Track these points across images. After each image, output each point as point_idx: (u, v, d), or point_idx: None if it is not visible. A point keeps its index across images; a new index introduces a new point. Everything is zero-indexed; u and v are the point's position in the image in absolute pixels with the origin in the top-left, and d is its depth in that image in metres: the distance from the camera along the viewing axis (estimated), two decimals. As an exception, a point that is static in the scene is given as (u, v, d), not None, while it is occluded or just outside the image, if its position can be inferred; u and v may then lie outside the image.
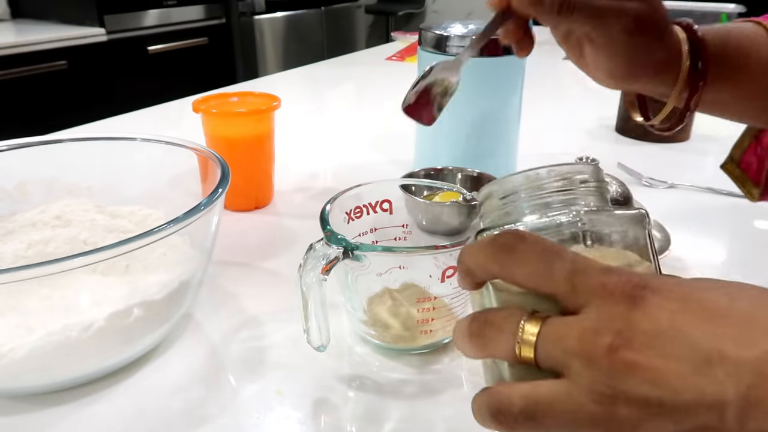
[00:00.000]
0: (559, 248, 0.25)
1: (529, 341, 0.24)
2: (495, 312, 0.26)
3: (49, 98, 2.01)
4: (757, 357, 0.21)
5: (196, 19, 2.49)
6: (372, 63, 1.54)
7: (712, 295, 0.23)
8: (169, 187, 0.54)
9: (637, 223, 0.28)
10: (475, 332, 0.26)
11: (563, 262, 0.24)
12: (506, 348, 0.25)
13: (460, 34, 0.66)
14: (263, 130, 0.67)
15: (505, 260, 0.25)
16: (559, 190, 0.28)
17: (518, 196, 0.29)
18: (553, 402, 0.23)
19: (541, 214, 0.28)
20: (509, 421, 0.24)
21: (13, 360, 0.37)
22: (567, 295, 0.24)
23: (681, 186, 0.75)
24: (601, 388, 0.22)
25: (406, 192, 0.54)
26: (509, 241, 0.25)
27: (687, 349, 0.21)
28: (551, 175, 0.28)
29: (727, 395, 0.21)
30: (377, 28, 4.08)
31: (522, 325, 0.24)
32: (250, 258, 0.58)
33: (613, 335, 0.22)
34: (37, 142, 0.53)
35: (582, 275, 0.24)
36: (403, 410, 0.40)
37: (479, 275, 0.27)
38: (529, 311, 0.25)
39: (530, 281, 0.25)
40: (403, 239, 0.49)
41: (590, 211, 0.27)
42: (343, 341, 0.46)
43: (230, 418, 0.39)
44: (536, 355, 0.24)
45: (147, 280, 0.43)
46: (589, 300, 0.23)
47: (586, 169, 0.29)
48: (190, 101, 0.66)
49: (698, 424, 0.21)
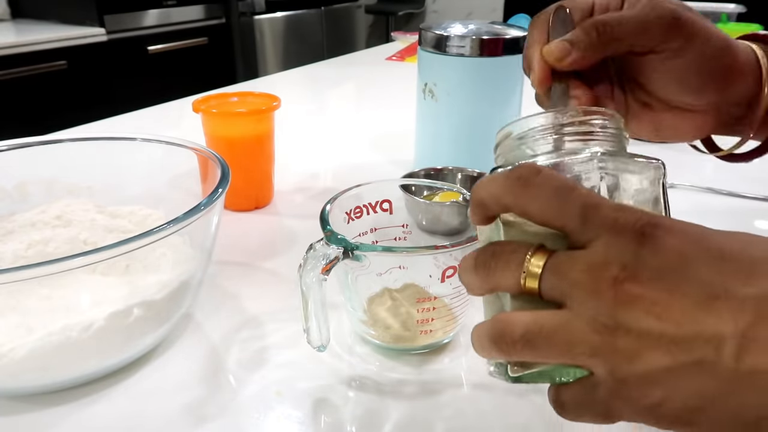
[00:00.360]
0: (574, 184, 0.25)
1: (535, 273, 0.24)
2: (503, 245, 0.26)
3: (49, 98, 2.01)
4: (759, 295, 0.21)
5: (196, 19, 2.49)
6: (372, 63, 1.54)
7: (724, 239, 0.23)
8: (169, 187, 0.54)
9: (653, 171, 0.28)
10: (482, 263, 0.26)
11: (576, 197, 0.24)
12: (511, 279, 0.25)
13: (460, 34, 0.66)
14: (263, 130, 0.67)
15: (520, 192, 0.25)
16: (576, 131, 0.28)
17: (536, 135, 0.29)
18: (554, 330, 0.23)
19: (558, 152, 0.28)
20: (509, 347, 0.25)
21: (13, 360, 0.37)
22: (577, 229, 0.24)
23: (681, 186, 0.75)
24: (602, 319, 0.22)
25: (406, 192, 0.54)
26: (524, 174, 0.25)
27: (692, 285, 0.22)
28: (571, 117, 0.28)
29: (726, 330, 0.21)
30: (377, 28, 4.08)
31: (529, 257, 0.25)
32: (250, 258, 0.58)
33: (619, 268, 0.22)
34: (37, 142, 0.53)
35: (594, 210, 0.24)
36: (403, 410, 0.40)
37: (492, 207, 0.27)
38: (537, 245, 0.25)
39: (542, 214, 0.25)
40: (403, 239, 0.49)
41: (607, 153, 0.27)
42: (343, 341, 0.46)
43: (230, 418, 0.39)
44: (540, 286, 0.24)
45: (147, 280, 0.43)
46: (599, 234, 0.23)
47: (606, 113, 0.29)
48: (190, 101, 0.66)
49: (695, 357, 0.21)
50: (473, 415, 0.39)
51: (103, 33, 2.13)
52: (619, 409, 0.23)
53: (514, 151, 0.29)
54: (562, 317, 0.23)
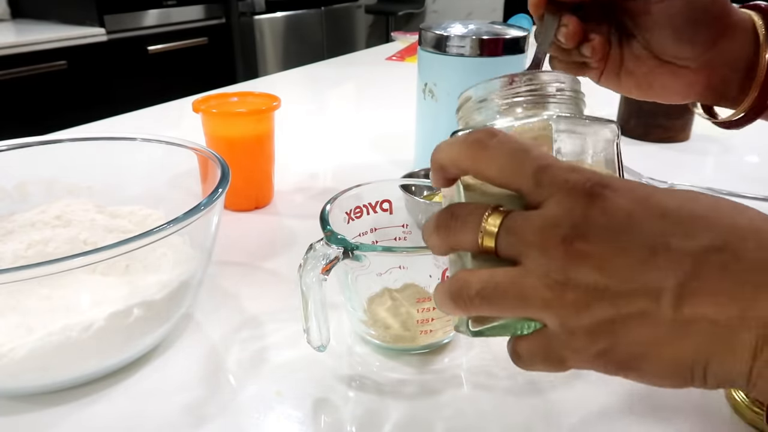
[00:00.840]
0: (529, 146, 0.26)
1: (491, 232, 0.25)
2: (462, 206, 0.27)
3: (49, 98, 2.01)
4: (697, 248, 0.22)
5: (196, 19, 2.49)
6: (372, 63, 1.54)
7: (667, 198, 0.24)
8: (169, 187, 0.54)
9: (609, 132, 0.28)
10: (442, 224, 0.28)
11: (531, 158, 0.25)
12: (470, 239, 0.26)
13: (460, 34, 0.66)
14: (263, 130, 0.67)
15: (477, 156, 0.26)
16: (533, 94, 0.29)
17: (493, 99, 0.29)
18: (508, 286, 0.25)
19: (514, 116, 0.29)
20: (465, 303, 0.26)
21: (13, 360, 0.37)
22: (531, 190, 0.25)
23: (681, 186, 0.75)
24: (553, 275, 0.24)
25: (406, 192, 0.54)
26: (481, 138, 0.26)
27: (636, 242, 0.23)
28: (527, 81, 0.29)
29: (665, 284, 0.22)
30: (377, 28, 4.08)
31: (486, 217, 0.26)
32: (250, 258, 0.58)
33: (568, 227, 0.23)
34: (37, 142, 0.53)
35: (547, 171, 0.25)
36: (403, 410, 0.40)
37: (451, 171, 0.28)
38: (494, 206, 0.26)
39: (499, 177, 0.26)
40: (403, 239, 0.49)
41: (561, 116, 0.28)
42: (343, 341, 0.46)
43: (230, 418, 0.39)
44: (497, 245, 0.25)
45: (147, 280, 0.43)
46: (551, 194, 0.24)
47: (563, 77, 0.30)
48: (190, 101, 0.66)
49: (637, 309, 0.23)
50: (473, 415, 0.39)
51: (103, 33, 2.13)
52: (570, 359, 0.25)
53: (473, 114, 0.30)
54: (516, 274, 0.25)
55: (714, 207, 0.24)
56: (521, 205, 0.26)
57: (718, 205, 0.24)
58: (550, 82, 0.29)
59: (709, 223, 0.23)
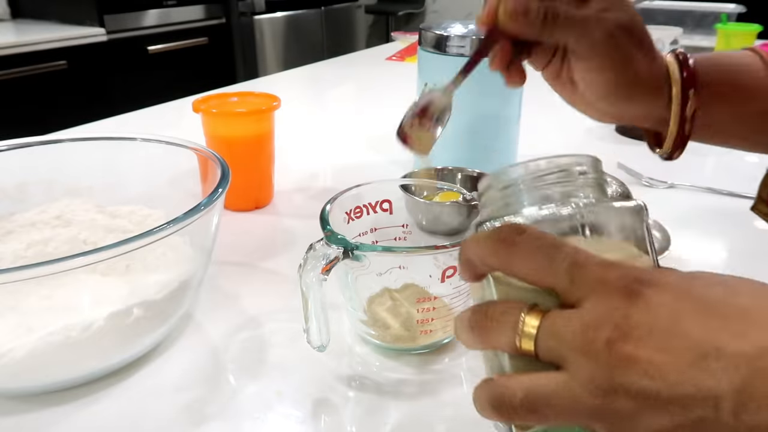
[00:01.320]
0: (559, 242, 0.25)
1: (530, 334, 0.24)
2: (495, 305, 0.26)
3: (49, 98, 2.01)
4: (751, 351, 0.21)
5: (196, 19, 2.49)
6: (372, 63, 1.54)
7: (710, 290, 0.23)
8: (169, 187, 0.54)
9: (636, 215, 0.28)
10: (476, 324, 0.27)
11: (563, 256, 0.25)
12: (507, 340, 0.25)
13: (460, 34, 0.66)
14: (263, 130, 0.67)
15: (505, 254, 0.26)
16: (557, 181, 0.28)
17: (517, 187, 0.29)
18: (552, 394, 0.24)
19: (540, 205, 0.28)
20: (509, 412, 0.25)
21: (13, 360, 0.37)
22: (566, 289, 0.24)
23: (681, 186, 0.75)
24: (599, 381, 0.22)
25: (406, 192, 0.54)
26: (509, 235, 0.26)
27: (684, 343, 0.22)
28: (550, 167, 0.28)
29: (722, 388, 0.21)
30: (377, 28, 4.08)
31: (522, 318, 0.25)
32: (250, 258, 0.58)
33: (611, 329, 0.22)
34: (37, 142, 0.53)
35: (581, 269, 0.24)
36: (403, 410, 0.40)
37: (479, 268, 0.27)
38: (530, 304, 0.25)
39: (530, 275, 0.25)
40: (403, 239, 0.49)
41: (589, 204, 0.28)
42: (343, 341, 0.46)
43: (230, 418, 0.39)
44: (536, 347, 0.24)
45: (147, 280, 0.43)
46: (588, 294, 0.24)
47: (585, 160, 0.29)
48: (190, 101, 0.66)
49: (694, 416, 0.21)
50: (473, 415, 0.39)
51: (103, 33, 2.13)
52: None
53: (497, 203, 0.30)
54: (560, 381, 0.24)
55: (757, 294, 0.23)
56: (556, 301, 0.25)
57: (760, 293, 0.23)
58: (572, 166, 0.29)
59: (757, 318, 0.22)
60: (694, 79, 0.42)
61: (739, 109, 0.45)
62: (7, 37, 1.93)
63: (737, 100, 0.44)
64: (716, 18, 1.64)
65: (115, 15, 2.17)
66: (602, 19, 0.40)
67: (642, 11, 1.80)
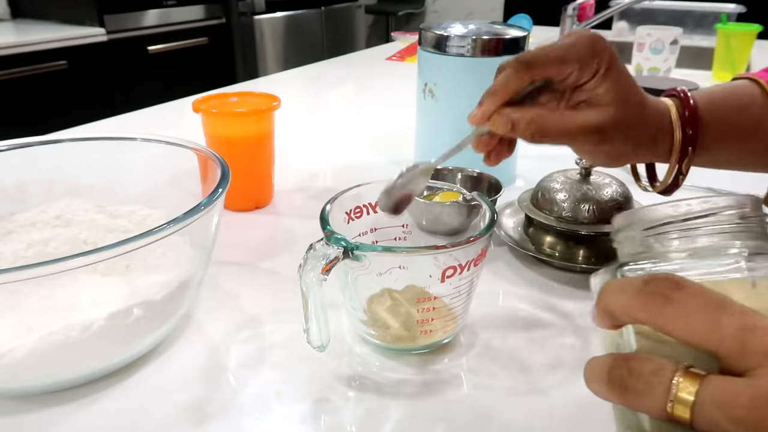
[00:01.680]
0: (724, 300, 0.22)
1: (686, 401, 0.22)
2: (642, 361, 0.23)
3: (49, 98, 2.01)
4: None
5: (196, 19, 2.49)
6: (372, 63, 1.54)
7: None
8: (169, 187, 0.54)
9: None
10: (618, 381, 0.24)
11: (730, 317, 0.22)
12: (656, 404, 0.22)
13: (460, 34, 0.66)
14: (263, 130, 0.67)
15: (659, 311, 0.23)
16: (714, 226, 0.25)
17: (665, 230, 0.26)
18: None
19: (693, 253, 0.25)
20: None
21: (13, 360, 0.37)
22: (733, 355, 0.22)
23: (681, 186, 0.75)
24: None
25: (406, 192, 0.54)
26: (664, 290, 0.23)
27: None
28: (705, 208, 0.25)
29: None
30: (377, 28, 4.08)
31: (677, 381, 0.22)
32: (250, 258, 0.58)
33: None
34: (37, 142, 0.53)
35: (754, 334, 0.21)
36: (403, 410, 0.40)
37: (622, 320, 0.25)
38: (684, 366, 0.22)
39: (689, 336, 0.22)
40: (403, 239, 0.49)
41: (753, 254, 0.24)
42: (343, 341, 0.46)
43: (230, 418, 0.39)
44: (693, 417, 0.22)
45: (147, 280, 0.43)
46: (762, 363, 0.21)
47: (746, 201, 0.25)
48: (190, 101, 0.66)
49: None
50: (473, 415, 0.39)
51: (103, 33, 2.13)
52: None
53: (640, 244, 0.26)
54: None
55: None
56: (713, 364, 0.22)
57: None
58: (729, 209, 0.25)
59: None
60: (695, 137, 0.44)
61: (744, 146, 0.46)
62: (7, 37, 1.93)
63: (742, 136, 0.46)
64: (716, 18, 1.65)
65: (115, 15, 2.17)
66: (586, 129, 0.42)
67: (642, 11, 1.80)
